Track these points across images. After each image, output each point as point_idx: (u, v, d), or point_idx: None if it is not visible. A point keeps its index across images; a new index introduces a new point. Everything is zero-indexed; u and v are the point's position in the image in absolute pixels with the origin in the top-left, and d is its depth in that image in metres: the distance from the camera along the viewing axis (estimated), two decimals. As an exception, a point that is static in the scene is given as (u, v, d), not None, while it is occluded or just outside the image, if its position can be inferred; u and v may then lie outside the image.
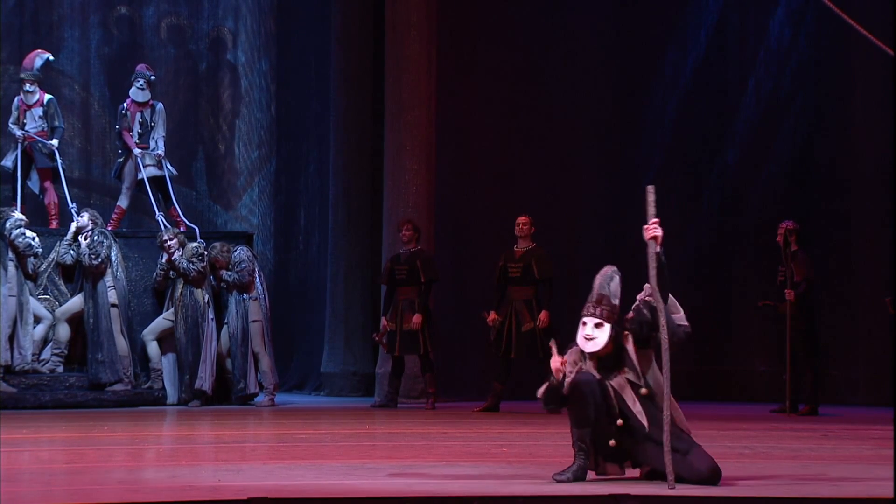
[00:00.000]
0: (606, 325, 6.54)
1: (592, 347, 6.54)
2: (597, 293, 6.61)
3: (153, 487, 6.57)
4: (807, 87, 13.94)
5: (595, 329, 6.54)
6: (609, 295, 6.60)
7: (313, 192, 15.21)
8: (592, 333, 6.54)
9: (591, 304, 6.58)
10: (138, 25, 15.28)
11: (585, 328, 6.56)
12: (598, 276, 6.70)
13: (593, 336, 6.54)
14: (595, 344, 6.53)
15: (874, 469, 7.44)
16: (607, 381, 6.54)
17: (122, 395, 12.45)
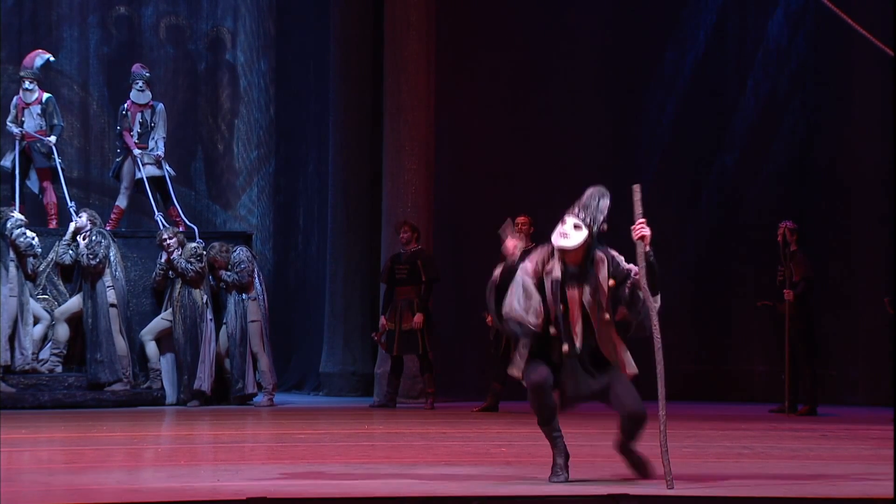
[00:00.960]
0: (585, 230, 6.50)
1: (564, 243, 6.47)
2: (586, 200, 6.59)
3: (152, 488, 6.57)
4: (805, 88, 13.94)
5: (573, 229, 6.50)
6: (596, 208, 6.56)
7: (312, 192, 15.21)
8: (569, 232, 6.50)
9: (578, 206, 6.58)
10: (137, 25, 15.27)
11: (564, 225, 6.52)
12: (591, 188, 6.68)
13: (568, 234, 6.50)
14: (568, 241, 6.47)
15: (873, 469, 7.45)
16: (567, 286, 6.44)
17: (121, 395, 12.44)
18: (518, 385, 13.91)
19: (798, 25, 13.97)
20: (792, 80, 14.02)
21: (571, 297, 6.47)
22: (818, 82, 13.84)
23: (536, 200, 13.69)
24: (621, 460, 6.70)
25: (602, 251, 6.56)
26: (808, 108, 13.91)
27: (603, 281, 6.49)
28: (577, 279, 6.47)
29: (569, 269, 6.49)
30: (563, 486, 6.48)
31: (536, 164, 14.32)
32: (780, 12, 14.07)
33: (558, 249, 6.50)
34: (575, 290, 6.47)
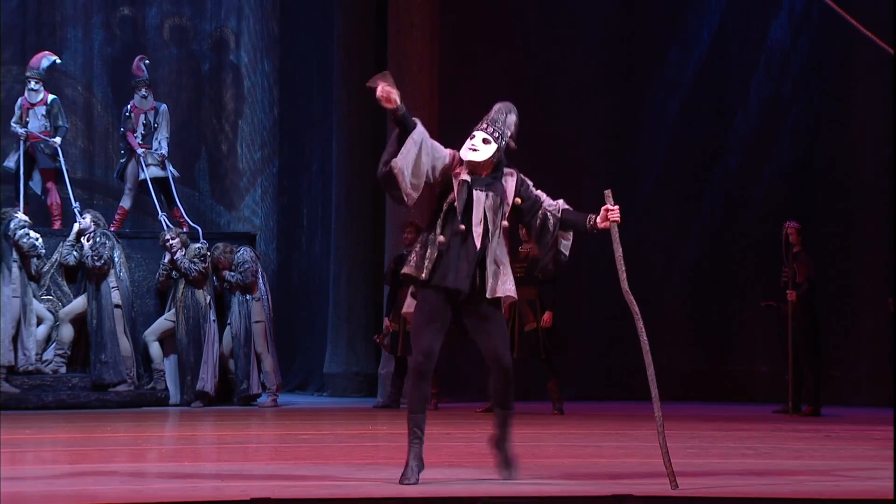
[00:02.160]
0: (493, 144, 6.56)
1: (473, 157, 6.52)
2: (494, 115, 6.67)
3: (156, 488, 6.57)
4: (808, 89, 13.94)
5: (482, 143, 6.57)
6: (504, 122, 6.63)
7: (316, 193, 15.22)
8: (477, 146, 6.56)
9: (487, 121, 6.65)
10: (141, 26, 15.29)
11: (473, 140, 6.57)
12: (499, 103, 6.75)
13: (477, 148, 6.55)
14: (477, 155, 6.53)
15: (877, 469, 7.45)
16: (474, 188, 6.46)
17: (124, 396, 12.45)
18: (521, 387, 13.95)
19: (801, 27, 13.97)
20: (795, 81, 14.01)
21: (477, 199, 6.48)
22: (821, 84, 13.84)
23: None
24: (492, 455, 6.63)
25: (512, 168, 6.62)
26: (810, 109, 13.91)
27: (510, 193, 6.55)
28: (484, 185, 6.51)
29: (476, 178, 6.53)
30: (567, 486, 6.48)
31: (539, 164, 14.25)
32: (783, 14, 14.07)
33: (467, 162, 6.52)
34: (481, 193, 6.49)
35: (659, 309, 12.90)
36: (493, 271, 6.46)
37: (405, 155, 6.43)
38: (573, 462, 8.01)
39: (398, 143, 6.48)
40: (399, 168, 6.40)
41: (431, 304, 6.42)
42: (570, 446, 9.01)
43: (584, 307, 14.01)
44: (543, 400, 12.21)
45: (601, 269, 14.62)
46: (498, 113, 6.70)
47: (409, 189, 6.41)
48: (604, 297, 14.16)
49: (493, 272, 6.46)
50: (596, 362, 14.01)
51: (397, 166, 6.40)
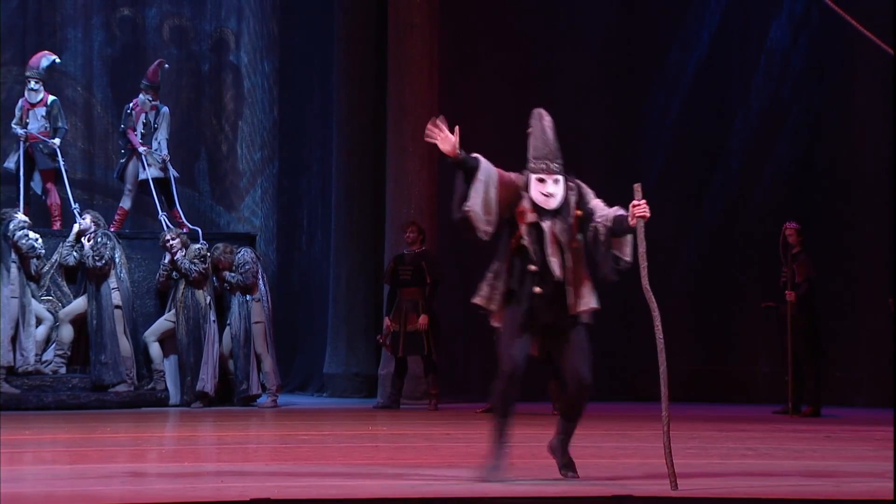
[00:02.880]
0: (561, 178, 6.52)
1: (555, 203, 6.50)
2: (551, 145, 6.59)
3: (156, 489, 6.57)
4: (808, 90, 13.94)
5: (553, 185, 6.51)
6: (555, 144, 6.59)
7: (316, 194, 15.22)
8: (552, 190, 6.50)
9: (549, 158, 6.55)
10: (141, 26, 15.28)
11: (546, 185, 6.50)
12: (542, 123, 6.69)
13: (552, 193, 6.50)
14: (556, 199, 6.50)
15: (877, 470, 7.44)
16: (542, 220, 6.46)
17: (124, 397, 12.45)
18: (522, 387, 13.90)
19: (801, 28, 13.97)
20: (795, 82, 14.01)
21: (549, 233, 6.48)
22: (821, 84, 13.84)
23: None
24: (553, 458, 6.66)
25: (570, 179, 6.60)
26: (811, 109, 13.91)
27: (572, 207, 6.53)
28: (552, 214, 6.50)
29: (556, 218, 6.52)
30: (567, 486, 6.47)
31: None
32: (783, 15, 14.06)
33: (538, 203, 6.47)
34: (550, 223, 6.49)
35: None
36: (574, 290, 6.48)
37: (475, 197, 6.50)
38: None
39: (466, 185, 6.53)
40: (473, 211, 6.49)
41: (516, 318, 6.52)
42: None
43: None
44: (544, 400, 12.20)
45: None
46: (547, 141, 6.60)
47: (484, 226, 6.49)
48: (606, 298, 14.15)
49: (573, 291, 6.48)
50: (597, 363, 13.97)
51: (471, 210, 6.49)
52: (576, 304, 6.50)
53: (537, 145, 6.60)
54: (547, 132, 6.64)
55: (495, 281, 6.54)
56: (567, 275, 6.47)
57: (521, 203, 6.50)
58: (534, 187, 6.49)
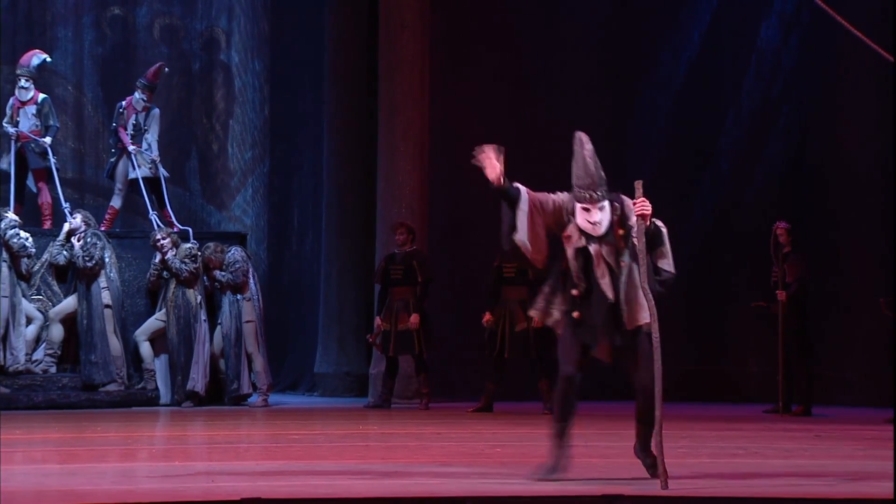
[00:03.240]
0: (605, 203, 6.56)
1: (601, 230, 6.56)
2: (594, 174, 6.60)
3: (146, 488, 6.56)
4: (799, 89, 13.96)
5: (599, 213, 6.56)
6: (600, 171, 6.61)
7: (307, 193, 15.20)
8: (597, 218, 6.56)
9: (589, 188, 6.59)
10: (131, 25, 15.26)
11: (590, 214, 6.55)
12: (583, 149, 6.70)
13: (598, 220, 6.56)
14: (602, 226, 6.56)
15: (868, 469, 7.46)
16: (589, 244, 6.53)
17: (115, 396, 12.43)
18: (513, 386, 13.92)
19: (791, 28, 13.99)
20: (785, 82, 14.03)
21: (596, 256, 6.56)
22: (811, 84, 13.87)
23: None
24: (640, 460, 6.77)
25: (615, 199, 6.65)
26: (801, 109, 13.93)
27: (616, 227, 6.58)
28: (598, 237, 6.56)
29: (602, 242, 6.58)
30: (558, 486, 6.48)
31: (531, 164, 14.25)
32: (773, 15, 14.09)
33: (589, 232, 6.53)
34: (597, 247, 6.56)
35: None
36: (627, 308, 6.54)
37: (521, 227, 6.60)
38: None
39: (511, 214, 6.63)
40: (522, 242, 6.59)
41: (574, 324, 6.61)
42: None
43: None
44: (535, 399, 12.21)
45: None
46: (588, 170, 6.63)
47: (534, 254, 6.59)
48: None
49: (626, 309, 6.53)
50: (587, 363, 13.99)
51: (520, 241, 6.59)
52: (630, 321, 6.57)
53: (579, 174, 6.63)
54: (588, 160, 6.66)
55: (551, 296, 6.68)
56: (619, 295, 6.54)
57: (568, 228, 6.58)
58: (579, 216, 6.57)
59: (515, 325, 11.98)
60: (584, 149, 6.69)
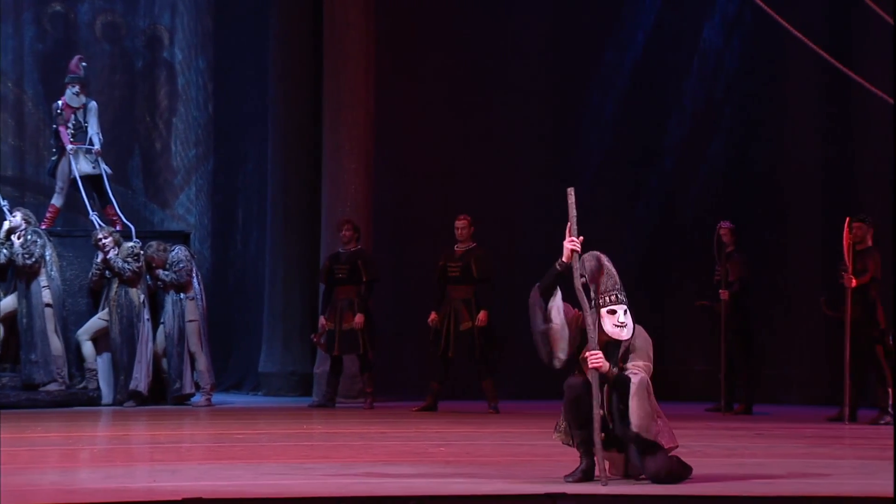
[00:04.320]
0: (629, 311, 6.60)
1: (627, 334, 6.58)
2: (619, 279, 6.62)
3: (87, 489, 6.50)
4: (741, 90, 14.06)
5: (625, 315, 6.58)
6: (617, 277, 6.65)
7: (251, 191, 15.14)
8: (625, 320, 6.58)
9: (617, 290, 6.61)
10: (73, 22, 15.11)
11: (616, 316, 6.56)
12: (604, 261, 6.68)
13: (625, 322, 6.57)
14: (628, 330, 6.58)
15: (808, 467, 7.53)
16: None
17: (55, 396, 12.31)
18: (456, 385, 13.90)
19: (733, 29, 14.09)
20: (728, 82, 14.13)
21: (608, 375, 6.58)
22: (754, 85, 13.97)
23: (476, 201, 13.71)
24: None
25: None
26: (744, 110, 14.04)
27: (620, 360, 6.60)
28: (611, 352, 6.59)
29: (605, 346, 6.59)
30: (502, 485, 6.49)
31: (477, 163, 14.34)
32: (716, 16, 14.19)
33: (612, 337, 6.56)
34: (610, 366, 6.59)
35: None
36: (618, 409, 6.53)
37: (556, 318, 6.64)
38: (508, 461, 8.02)
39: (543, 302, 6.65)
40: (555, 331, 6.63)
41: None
42: (505, 445, 9.02)
43: (520, 306, 14.02)
44: (479, 399, 12.22)
45: (539, 268, 14.66)
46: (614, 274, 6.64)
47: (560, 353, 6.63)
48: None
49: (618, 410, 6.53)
50: (532, 361, 14.02)
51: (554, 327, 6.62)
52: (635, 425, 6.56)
53: (605, 282, 6.62)
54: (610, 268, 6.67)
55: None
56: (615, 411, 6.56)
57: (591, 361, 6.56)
58: (606, 321, 6.55)
59: (460, 324, 11.99)
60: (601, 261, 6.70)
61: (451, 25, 14.41)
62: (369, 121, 13.46)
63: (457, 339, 11.97)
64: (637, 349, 6.59)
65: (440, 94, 14.34)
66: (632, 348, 6.59)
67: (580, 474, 6.56)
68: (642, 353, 6.59)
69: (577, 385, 6.60)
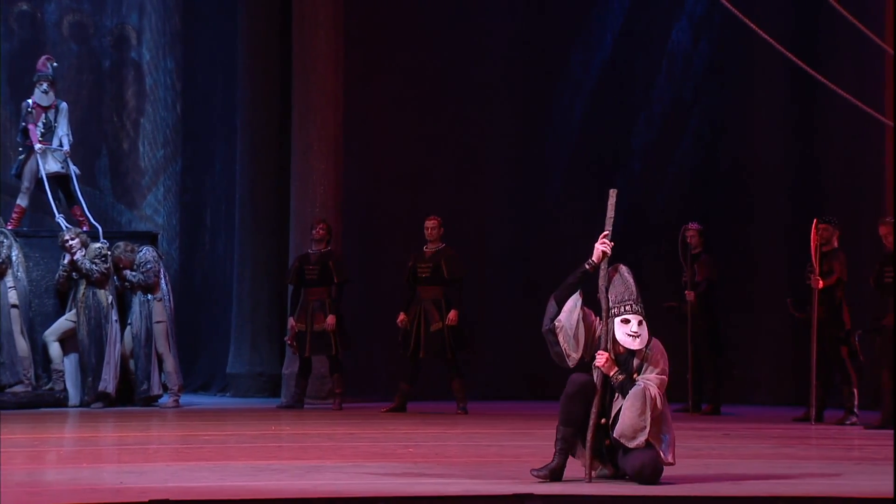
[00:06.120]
0: (644, 322, 6.62)
1: (640, 344, 6.60)
2: (635, 290, 6.66)
3: (54, 490, 6.47)
4: (709, 92, 14.12)
5: (639, 326, 6.61)
6: (636, 288, 6.68)
7: (219, 192, 15.09)
8: (638, 330, 6.60)
9: (633, 301, 6.65)
10: (40, 22, 15.03)
11: (629, 325, 6.59)
12: (626, 273, 6.73)
13: (639, 333, 6.60)
14: (641, 340, 6.60)
15: (775, 467, 7.57)
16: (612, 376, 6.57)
17: (22, 397, 12.24)
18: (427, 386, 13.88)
19: (701, 30, 14.15)
20: (696, 84, 14.19)
21: (616, 383, 6.60)
22: (722, 86, 14.03)
23: (446, 201, 13.72)
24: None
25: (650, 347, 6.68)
26: (712, 111, 14.10)
27: (635, 370, 6.62)
28: (623, 362, 6.61)
29: (618, 357, 6.62)
30: (470, 485, 6.49)
31: (446, 164, 14.35)
32: (684, 18, 14.24)
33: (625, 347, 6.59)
34: (619, 374, 6.61)
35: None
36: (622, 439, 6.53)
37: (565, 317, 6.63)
38: (476, 461, 8.03)
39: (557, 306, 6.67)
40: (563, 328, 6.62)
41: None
42: (474, 446, 9.03)
43: (489, 306, 14.05)
44: (448, 399, 12.23)
45: (508, 268, 14.68)
46: (631, 286, 6.68)
47: (573, 352, 6.62)
48: (509, 297, 14.22)
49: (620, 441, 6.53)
50: (502, 362, 14.06)
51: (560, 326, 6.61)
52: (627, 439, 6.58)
53: (620, 291, 6.67)
54: (629, 281, 6.70)
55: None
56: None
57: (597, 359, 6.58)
58: (619, 329, 6.59)
59: (430, 324, 11.99)
60: (620, 271, 6.74)
61: (421, 25, 14.42)
62: (338, 121, 13.45)
63: (427, 339, 11.96)
64: (652, 362, 6.62)
65: (410, 95, 14.34)
66: (647, 360, 6.62)
67: (547, 472, 6.56)
68: (657, 367, 6.61)
69: (578, 381, 6.61)
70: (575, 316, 6.58)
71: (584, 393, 6.58)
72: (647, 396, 6.48)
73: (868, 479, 6.93)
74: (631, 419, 6.49)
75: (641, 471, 6.53)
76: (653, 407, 6.47)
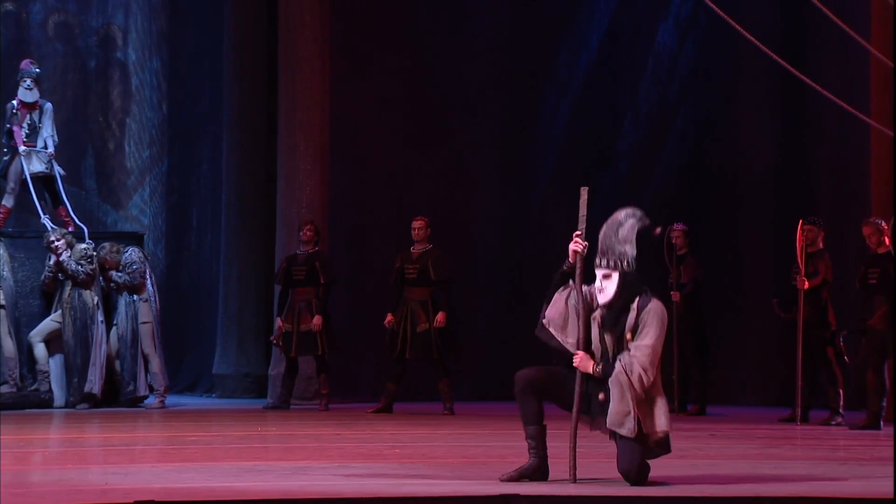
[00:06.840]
0: (614, 273, 6.59)
1: (603, 299, 6.61)
2: (603, 241, 6.70)
3: (40, 491, 6.46)
4: (696, 93, 14.15)
5: (604, 280, 6.60)
6: (615, 243, 6.66)
7: (206, 192, 15.07)
8: (601, 285, 6.62)
9: (598, 254, 6.69)
10: (25, 22, 14.99)
11: (597, 281, 6.65)
12: (605, 225, 6.79)
13: (604, 288, 6.61)
14: (605, 295, 6.60)
15: (761, 467, 7.59)
16: (605, 332, 6.56)
17: (7, 398, 12.21)
18: (413, 387, 13.89)
19: (687, 31, 14.18)
20: (682, 85, 14.22)
21: (608, 343, 6.60)
22: (708, 87, 14.07)
23: (433, 201, 13.72)
24: None
25: (642, 300, 6.62)
26: (698, 112, 14.13)
27: (628, 330, 6.59)
28: (610, 326, 6.62)
29: (609, 311, 6.62)
30: (456, 486, 6.50)
31: (433, 164, 14.35)
32: (670, 18, 14.27)
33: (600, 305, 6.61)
34: (608, 336, 6.62)
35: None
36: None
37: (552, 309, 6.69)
38: (462, 462, 8.04)
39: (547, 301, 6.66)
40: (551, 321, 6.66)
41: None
42: (460, 446, 9.04)
43: (477, 307, 14.06)
44: (435, 400, 12.23)
45: (495, 268, 14.69)
46: (605, 238, 6.71)
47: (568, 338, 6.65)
48: (496, 297, 14.23)
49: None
50: (488, 362, 14.06)
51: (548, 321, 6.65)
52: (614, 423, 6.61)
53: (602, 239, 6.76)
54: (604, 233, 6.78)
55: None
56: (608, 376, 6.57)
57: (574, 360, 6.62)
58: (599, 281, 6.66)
59: (417, 325, 11.99)
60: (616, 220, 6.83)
61: (407, 26, 14.42)
62: (325, 122, 13.44)
63: (413, 340, 11.96)
64: (648, 325, 6.56)
65: (396, 95, 14.34)
66: (642, 323, 6.57)
67: (514, 473, 6.57)
68: (650, 332, 6.54)
69: (523, 378, 6.64)
70: (560, 304, 6.61)
71: (532, 387, 6.62)
72: (623, 381, 6.45)
73: (854, 480, 6.95)
74: (614, 406, 6.50)
75: (628, 474, 6.54)
76: (631, 387, 6.43)
